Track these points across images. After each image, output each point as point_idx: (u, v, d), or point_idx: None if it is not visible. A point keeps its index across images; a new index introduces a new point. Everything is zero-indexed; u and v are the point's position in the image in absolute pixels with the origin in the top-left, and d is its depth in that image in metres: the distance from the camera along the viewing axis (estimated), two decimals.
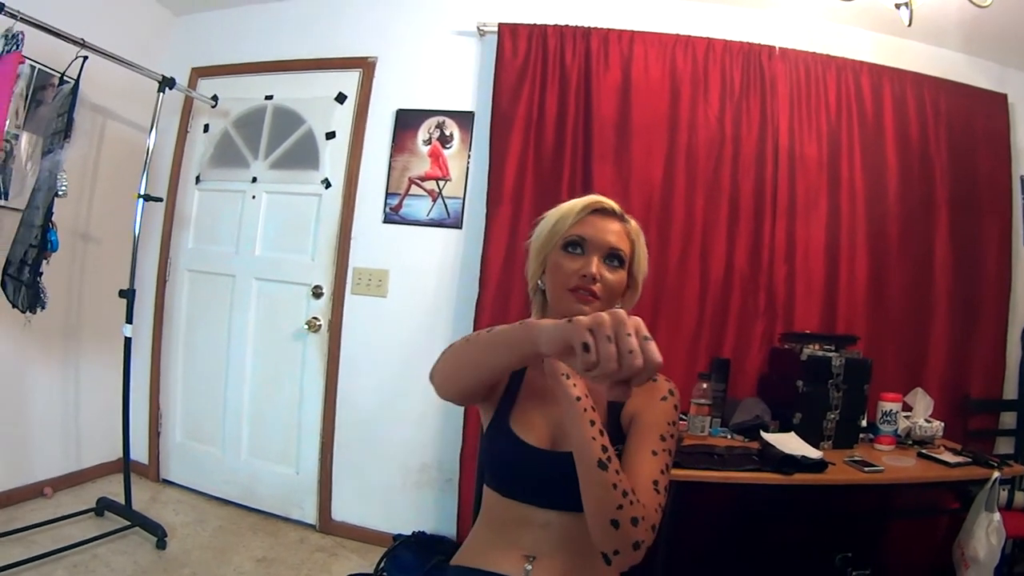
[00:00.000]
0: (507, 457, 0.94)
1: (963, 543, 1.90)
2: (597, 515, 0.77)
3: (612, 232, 0.95)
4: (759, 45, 2.37)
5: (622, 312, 0.57)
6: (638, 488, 0.79)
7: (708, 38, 2.36)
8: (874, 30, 2.46)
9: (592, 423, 0.79)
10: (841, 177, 2.38)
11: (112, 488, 2.48)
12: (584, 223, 0.95)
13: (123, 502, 2.30)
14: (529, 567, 0.90)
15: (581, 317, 0.58)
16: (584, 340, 0.56)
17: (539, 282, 1.00)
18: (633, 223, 1.00)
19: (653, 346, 0.55)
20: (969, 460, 1.91)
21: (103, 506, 2.33)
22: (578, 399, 0.80)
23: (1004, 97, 2.52)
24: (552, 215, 0.99)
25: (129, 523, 2.23)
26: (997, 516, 1.83)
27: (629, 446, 0.88)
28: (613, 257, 0.94)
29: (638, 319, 0.57)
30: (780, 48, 2.38)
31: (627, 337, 0.55)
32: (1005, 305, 2.47)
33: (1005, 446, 2.46)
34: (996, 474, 1.82)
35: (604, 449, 0.77)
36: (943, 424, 2.12)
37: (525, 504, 0.92)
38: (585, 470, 0.77)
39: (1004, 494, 2.04)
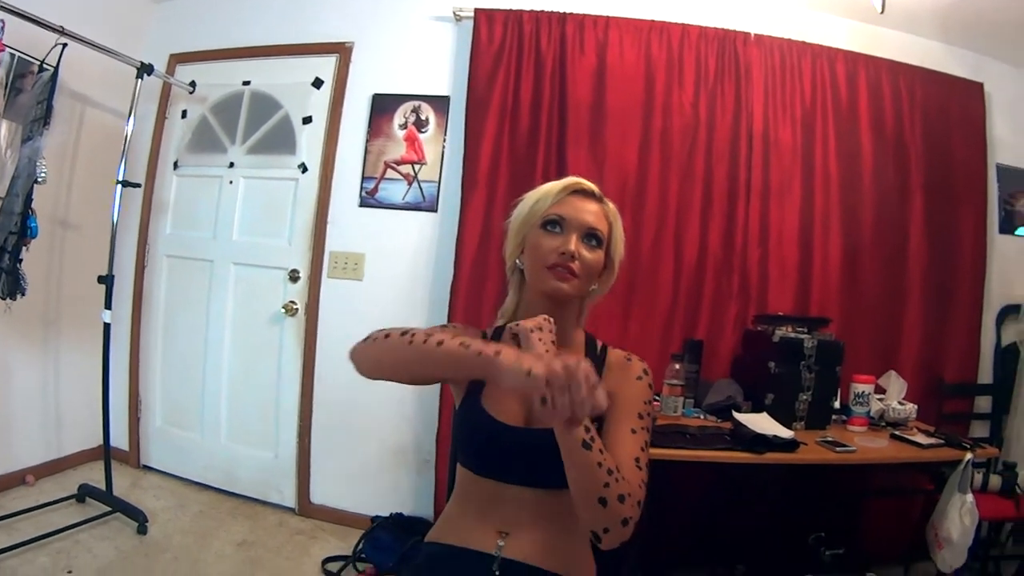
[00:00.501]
0: (479, 435, 0.95)
1: (936, 524, 1.90)
2: (584, 495, 0.77)
3: (590, 212, 0.96)
4: (734, 31, 2.37)
5: (573, 365, 0.64)
6: (621, 466, 0.80)
7: (683, 24, 2.37)
8: (849, 17, 2.48)
9: None
10: (815, 162, 2.39)
11: (93, 475, 2.48)
12: (563, 203, 0.96)
13: (104, 488, 2.30)
14: (502, 543, 0.90)
15: (538, 371, 0.65)
16: (543, 395, 0.65)
17: (517, 261, 1.01)
18: (611, 205, 1.01)
19: (600, 392, 0.65)
20: (942, 442, 1.91)
21: (84, 493, 2.33)
22: None
23: (980, 86, 2.54)
24: (531, 195, 1.00)
25: (110, 509, 2.24)
26: (970, 497, 1.83)
27: (608, 426, 0.88)
28: (591, 237, 0.95)
29: (586, 366, 0.65)
30: (755, 34, 2.39)
31: (579, 389, 0.63)
32: (980, 291, 2.50)
33: (980, 430, 2.49)
34: (968, 456, 1.82)
35: (587, 429, 0.77)
36: (916, 407, 2.12)
37: (498, 481, 0.93)
38: (569, 452, 0.78)
39: (979, 477, 2.04)
